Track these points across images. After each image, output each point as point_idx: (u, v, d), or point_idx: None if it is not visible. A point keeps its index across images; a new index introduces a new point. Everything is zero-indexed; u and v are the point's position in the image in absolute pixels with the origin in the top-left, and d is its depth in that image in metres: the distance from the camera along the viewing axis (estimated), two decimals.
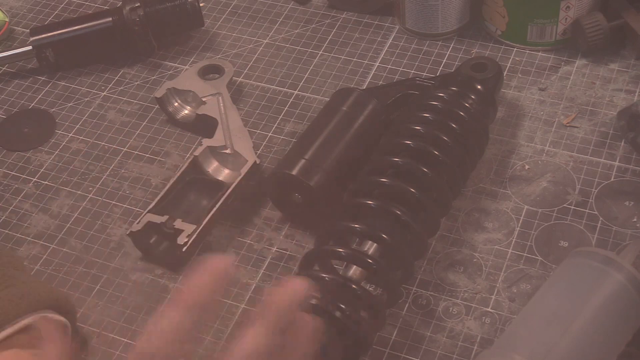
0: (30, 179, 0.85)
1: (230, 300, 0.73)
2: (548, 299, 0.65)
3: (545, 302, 0.65)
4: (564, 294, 0.65)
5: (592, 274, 0.65)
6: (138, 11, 0.91)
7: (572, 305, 0.63)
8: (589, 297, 0.63)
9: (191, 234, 0.74)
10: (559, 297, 0.65)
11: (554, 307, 0.64)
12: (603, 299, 0.63)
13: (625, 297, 0.64)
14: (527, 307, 0.66)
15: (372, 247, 0.69)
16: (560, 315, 0.63)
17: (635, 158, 0.80)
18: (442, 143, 0.72)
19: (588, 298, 0.63)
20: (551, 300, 0.65)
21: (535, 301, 0.66)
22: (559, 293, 0.65)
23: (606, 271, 0.64)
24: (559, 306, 0.64)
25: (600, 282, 0.64)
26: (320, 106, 0.86)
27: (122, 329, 0.72)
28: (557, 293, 0.65)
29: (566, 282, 0.66)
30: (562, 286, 0.65)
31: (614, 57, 0.89)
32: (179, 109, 0.88)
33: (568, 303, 0.63)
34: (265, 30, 0.96)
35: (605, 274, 0.64)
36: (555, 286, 0.66)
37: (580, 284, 0.65)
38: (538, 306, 0.65)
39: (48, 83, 0.94)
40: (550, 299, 0.65)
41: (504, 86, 0.86)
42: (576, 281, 0.65)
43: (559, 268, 0.67)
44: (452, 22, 0.91)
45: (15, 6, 1.03)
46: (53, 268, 0.77)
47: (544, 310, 0.64)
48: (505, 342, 0.64)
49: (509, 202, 0.78)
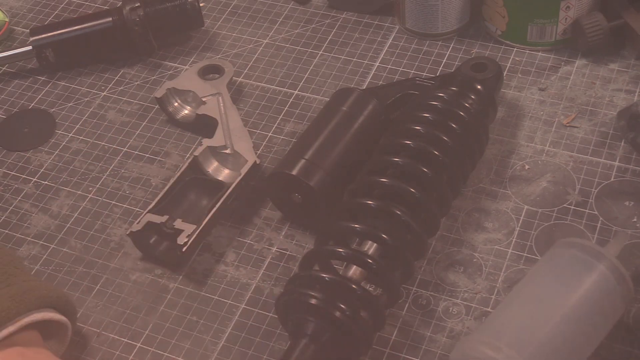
0: (30, 179, 0.85)
1: (230, 300, 0.73)
2: (532, 288, 0.66)
3: (529, 291, 0.66)
4: (548, 283, 0.65)
5: (577, 264, 0.65)
6: (138, 11, 0.91)
7: (555, 295, 0.64)
8: (573, 287, 0.64)
9: (191, 234, 0.74)
10: (543, 286, 0.65)
11: (538, 296, 0.65)
12: (586, 290, 0.64)
13: (608, 288, 0.64)
14: (511, 295, 0.67)
15: (372, 247, 0.69)
16: (544, 304, 0.64)
17: (635, 158, 0.80)
18: (442, 143, 0.72)
19: (572, 288, 0.64)
20: (535, 289, 0.66)
21: (519, 290, 0.67)
22: (544, 282, 0.66)
23: (590, 262, 0.65)
24: (542, 295, 0.64)
25: (584, 273, 0.65)
26: (320, 106, 0.86)
27: (122, 329, 0.72)
28: (542, 282, 0.66)
29: (551, 271, 0.66)
30: (547, 275, 0.66)
31: (614, 57, 0.89)
32: (179, 109, 0.88)
33: (552, 292, 0.64)
34: (265, 30, 0.96)
35: (589, 265, 0.65)
36: (540, 275, 0.67)
37: (564, 274, 0.65)
38: (522, 295, 0.66)
39: (48, 83, 0.94)
40: (534, 288, 0.66)
41: (504, 86, 0.86)
42: (561, 271, 0.66)
43: (544, 257, 0.68)
44: (452, 22, 0.91)
45: (15, 6, 1.03)
46: (53, 268, 0.77)
47: (528, 299, 0.65)
48: (487, 329, 0.64)
49: (509, 202, 0.78)
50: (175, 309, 0.73)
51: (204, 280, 0.75)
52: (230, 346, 0.71)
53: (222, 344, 0.71)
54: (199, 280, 0.75)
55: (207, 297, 0.74)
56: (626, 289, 0.65)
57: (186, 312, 0.73)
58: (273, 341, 0.70)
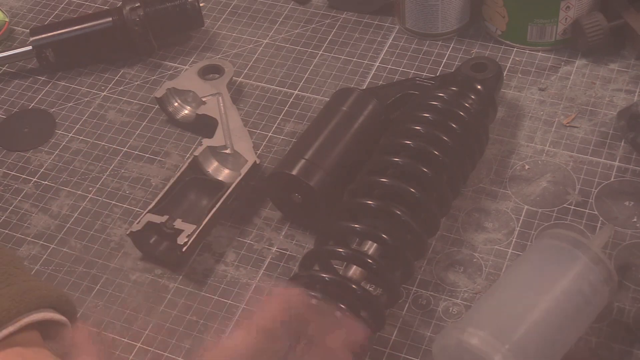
0: (30, 179, 0.85)
1: (230, 300, 0.73)
2: (516, 278, 0.67)
3: (513, 281, 0.67)
4: (533, 274, 0.66)
5: (561, 255, 0.66)
6: (138, 11, 0.91)
7: (539, 285, 0.65)
8: (557, 278, 0.65)
9: (191, 234, 0.74)
10: (528, 276, 0.66)
11: (522, 286, 0.65)
12: (570, 281, 0.65)
13: (591, 279, 0.65)
14: (496, 284, 0.67)
15: (372, 247, 0.69)
16: (528, 294, 0.64)
17: (635, 158, 0.80)
18: (442, 143, 0.72)
19: (556, 279, 0.65)
20: (519, 279, 0.66)
21: (503, 279, 0.67)
22: (528, 272, 0.66)
23: (575, 253, 0.65)
24: (526, 285, 0.65)
25: (568, 264, 0.65)
26: (320, 106, 0.86)
27: (122, 329, 0.72)
28: (526, 272, 0.66)
29: (535, 262, 0.67)
30: (531, 266, 0.67)
31: (614, 57, 0.89)
32: (179, 109, 0.88)
33: (536, 283, 0.65)
34: (265, 30, 0.96)
35: (573, 256, 0.65)
36: (525, 266, 0.67)
37: (549, 264, 0.66)
38: (506, 284, 0.67)
39: (48, 83, 0.94)
40: (518, 278, 0.66)
41: (504, 86, 0.86)
42: (545, 262, 0.66)
43: (529, 248, 0.69)
44: (452, 22, 0.91)
45: (15, 6, 1.03)
46: (53, 268, 0.77)
47: (512, 288, 0.66)
48: (470, 318, 0.65)
49: (509, 202, 0.78)
50: (175, 309, 0.73)
51: (204, 280, 0.75)
52: None
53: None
54: (199, 280, 0.75)
55: (207, 297, 0.74)
56: (610, 280, 0.66)
57: (186, 312, 0.73)
58: None
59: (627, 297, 0.70)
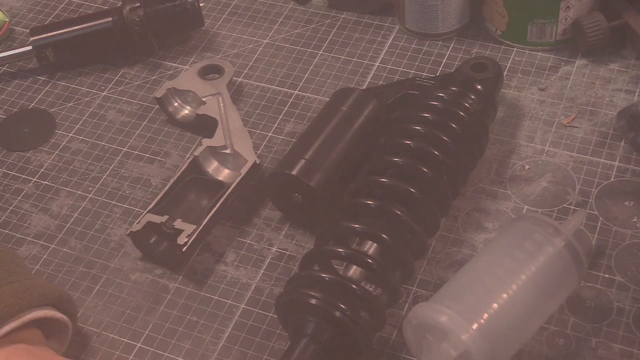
0: (30, 179, 0.85)
1: (230, 300, 0.73)
2: (488, 259, 0.67)
3: (485, 261, 0.67)
4: (504, 255, 0.66)
5: (533, 238, 0.67)
6: (138, 11, 0.91)
7: (510, 266, 0.65)
8: (528, 260, 0.65)
9: (191, 234, 0.74)
10: (499, 257, 0.67)
11: (493, 267, 0.66)
12: (542, 263, 0.65)
13: (562, 264, 0.66)
14: (468, 264, 0.68)
15: (372, 247, 0.69)
16: (499, 274, 0.65)
17: (635, 158, 0.80)
18: (442, 143, 0.73)
19: (527, 261, 0.65)
20: (491, 260, 0.67)
21: (476, 260, 0.68)
22: (499, 254, 0.67)
23: (546, 237, 0.66)
24: (497, 266, 0.66)
25: (539, 247, 0.66)
26: (320, 106, 0.86)
27: (122, 329, 0.72)
28: (498, 254, 0.67)
29: (508, 244, 0.68)
30: (504, 247, 0.67)
31: (614, 57, 0.89)
32: (179, 109, 0.88)
33: (507, 264, 0.66)
34: (265, 30, 0.96)
35: (545, 239, 0.66)
36: (497, 247, 0.68)
37: (519, 247, 0.66)
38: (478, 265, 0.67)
39: (48, 83, 0.94)
40: (490, 259, 0.67)
41: (504, 86, 0.86)
42: (517, 244, 0.67)
43: (502, 230, 0.70)
44: (452, 22, 0.91)
45: (15, 6, 1.03)
46: (53, 268, 0.77)
47: (483, 269, 0.67)
48: (441, 296, 0.65)
49: (509, 202, 0.78)
50: (175, 309, 0.73)
51: (204, 280, 0.75)
52: (230, 346, 0.71)
53: (222, 344, 0.71)
54: (199, 280, 0.75)
55: (207, 297, 0.74)
56: (580, 265, 0.66)
57: (186, 312, 0.73)
58: (273, 341, 0.70)
59: (627, 297, 0.70)
